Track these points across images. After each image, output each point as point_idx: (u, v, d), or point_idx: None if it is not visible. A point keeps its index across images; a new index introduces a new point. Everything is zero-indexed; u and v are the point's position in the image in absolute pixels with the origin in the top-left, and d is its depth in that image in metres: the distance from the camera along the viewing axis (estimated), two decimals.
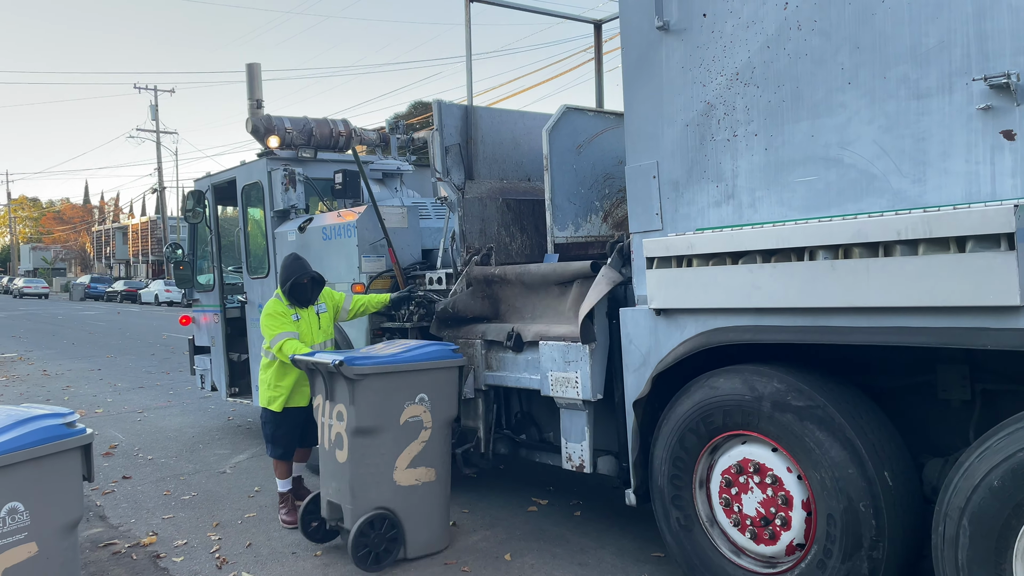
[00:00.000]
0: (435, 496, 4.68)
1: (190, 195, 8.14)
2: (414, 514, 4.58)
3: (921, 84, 2.94)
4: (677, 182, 3.76)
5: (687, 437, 3.71)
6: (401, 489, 4.55)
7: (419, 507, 4.61)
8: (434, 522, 4.68)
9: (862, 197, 3.11)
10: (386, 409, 4.51)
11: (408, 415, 4.56)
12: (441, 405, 4.69)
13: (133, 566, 4.71)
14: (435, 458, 4.66)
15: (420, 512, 4.61)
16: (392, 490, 4.53)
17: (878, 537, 3.10)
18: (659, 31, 3.76)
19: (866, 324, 3.06)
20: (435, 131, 5.46)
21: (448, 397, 4.73)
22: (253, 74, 9.05)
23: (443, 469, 4.73)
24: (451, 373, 4.74)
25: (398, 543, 4.51)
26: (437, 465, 4.67)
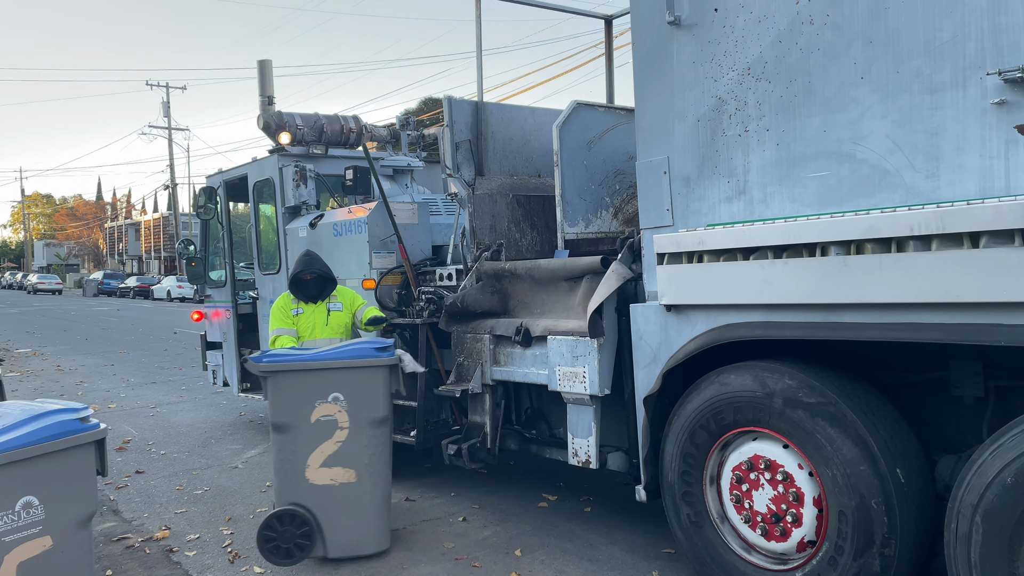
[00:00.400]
0: (358, 498, 4.54)
1: (202, 191, 8.18)
2: (333, 514, 4.50)
3: (935, 79, 2.92)
4: (688, 178, 3.74)
5: (698, 433, 3.71)
6: (315, 487, 4.50)
7: (338, 507, 4.50)
8: (360, 524, 4.55)
9: (875, 192, 3.09)
10: (296, 407, 4.49)
11: (320, 414, 4.50)
12: (361, 405, 4.54)
13: (146, 560, 4.75)
14: (355, 459, 4.52)
15: (340, 512, 4.51)
16: (306, 488, 4.50)
17: (890, 534, 3.08)
18: (670, 26, 3.74)
19: (878, 320, 3.05)
20: (445, 127, 5.46)
21: (370, 397, 4.56)
22: (264, 71, 9.09)
23: (369, 471, 4.56)
24: (373, 373, 4.56)
25: (312, 541, 4.44)
26: (358, 467, 4.53)
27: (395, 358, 4.64)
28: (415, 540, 4.88)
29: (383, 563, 4.50)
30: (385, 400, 4.63)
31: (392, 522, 5.19)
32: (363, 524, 4.57)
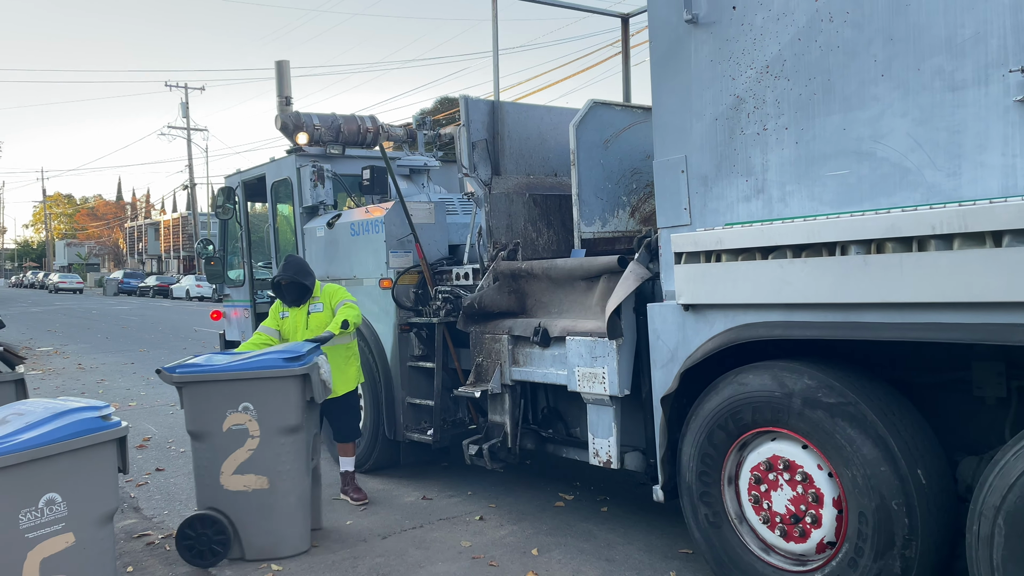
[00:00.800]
0: (272, 504, 4.63)
1: (220, 192, 8.24)
2: (248, 519, 4.62)
3: (956, 76, 2.89)
4: (706, 176, 3.73)
5: (715, 433, 3.69)
6: (230, 493, 4.61)
7: (252, 512, 4.62)
8: (275, 529, 4.64)
9: (895, 191, 3.06)
10: (209, 416, 4.62)
11: (231, 423, 4.62)
12: (271, 414, 4.62)
13: (167, 557, 4.79)
14: (267, 467, 4.61)
15: (254, 517, 4.62)
16: (221, 493, 4.62)
17: (911, 536, 3.06)
18: (688, 24, 3.73)
19: (899, 320, 3.02)
20: (462, 127, 5.47)
21: (280, 407, 4.63)
22: (282, 71, 9.14)
23: (282, 478, 4.64)
24: (282, 383, 4.63)
25: (227, 544, 4.56)
26: (271, 474, 4.61)
27: (306, 367, 4.67)
28: (432, 539, 4.89)
29: (400, 562, 4.52)
30: (297, 409, 4.68)
31: (409, 520, 5.22)
32: (278, 529, 4.68)
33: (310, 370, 4.70)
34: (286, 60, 8.62)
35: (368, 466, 6.39)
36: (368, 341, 6.23)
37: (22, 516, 3.31)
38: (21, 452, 3.28)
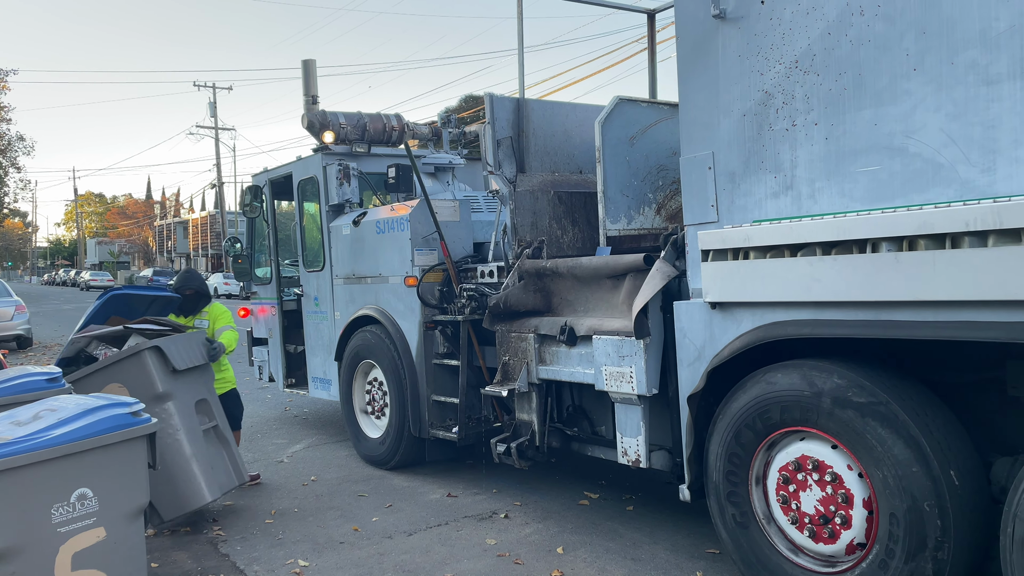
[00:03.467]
0: None
1: (248, 190, 8.31)
2: None
3: (991, 70, 2.83)
4: (733, 173, 3.69)
5: (743, 433, 3.65)
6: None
7: None
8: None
9: (928, 187, 3.01)
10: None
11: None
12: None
13: (195, 551, 4.85)
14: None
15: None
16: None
17: (943, 538, 3.01)
18: (715, 19, 3.69)
19: (932, 318, 2.97)
20: (487, 124, 5.46)
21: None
22: (308, 71, 9.19)
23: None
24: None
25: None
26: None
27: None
28: (457, 536, 4.90)
29: (426, 559, 4.53)
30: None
31: (434, 518, 5.23)
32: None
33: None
34: (312, 59, 8.69)
35: (393, 463, 6.41)
36: (393, 338, 6.25)
37: (54, 511, 3.36)
38: (54, 448, 3.34)
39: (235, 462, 5.58)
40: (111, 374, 5.02)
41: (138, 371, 5.00)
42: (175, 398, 5.08)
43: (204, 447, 5.20)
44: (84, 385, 4.94)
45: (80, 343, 5.51)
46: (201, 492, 5.04)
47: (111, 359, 5.09)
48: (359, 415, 6.85)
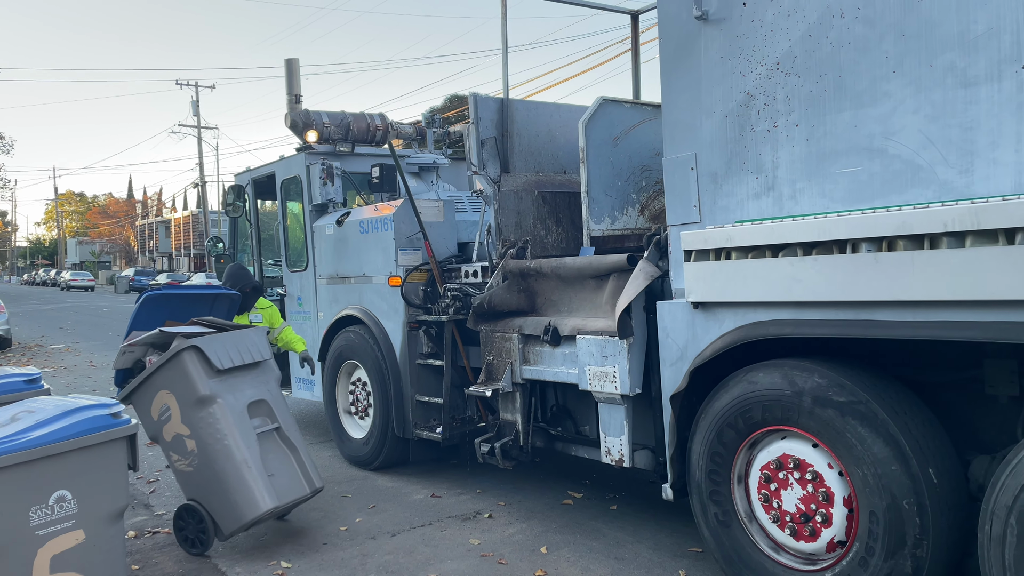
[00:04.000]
0: None
1: (230, 189, 8.27)
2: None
3: (969, 72, 2.86)
4: (715, 174, 3.71)
5: (725, 432, 3.67)
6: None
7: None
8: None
9: (907, 188, 3.04)
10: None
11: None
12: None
13: (177, 554, 4.81)
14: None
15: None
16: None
17: (922, 535, 3.04)
18: (698, 21, 3.71)
19: (911, 318, 3.00)
20: (471, 124, 5.46)
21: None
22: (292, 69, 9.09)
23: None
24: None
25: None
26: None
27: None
28: (441, 537, 4.89)
29: (410, 560, 4.52)
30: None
31: (418, 518, 5.22)
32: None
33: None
34: (295, 58, 8.61)
35: (377, 464, 6.40)
36: (377, 338, 6.23)
37: (32, 513, 3.33)
38: (31, 449, 3.30)
39: (304, 468, 5.06)
40: (157, 382, 4.81)
41: (178, 374, 4.74)
42: (221, 400, 4.74)
43: (259, 452, 4.78)
44: (137, 397, 4.87)
45: (136, 352, 5.15)
46: (255, 501, 4.63)
47: (153, 366, 4.84)
48: (342, 415, 6.83)
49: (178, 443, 4.79)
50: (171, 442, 4.80)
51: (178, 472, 4.85)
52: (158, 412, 4.82)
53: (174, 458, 4.82)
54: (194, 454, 4.74)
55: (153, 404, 4.83)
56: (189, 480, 4.79)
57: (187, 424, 4.75)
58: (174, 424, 4.79)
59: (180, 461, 4.80)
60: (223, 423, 4.73)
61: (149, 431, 4.91)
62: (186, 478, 4.80)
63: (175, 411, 4.78)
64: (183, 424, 4.76)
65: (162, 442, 4.86)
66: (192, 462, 4.76)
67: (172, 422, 4.79)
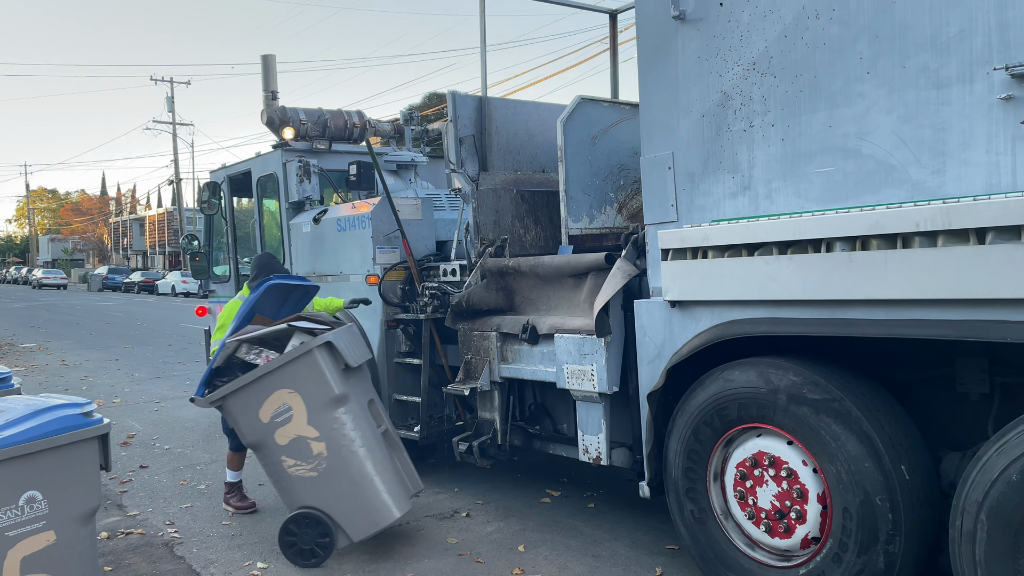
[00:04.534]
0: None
1: (206, 187, 8.18)
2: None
3: (941, 73, 2.90)
4: (693, 173, 3.73)
5: (701, 430, 3.70)
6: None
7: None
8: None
9: (880, 188, 3.08)
10: None
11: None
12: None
13: (150, 555, 4.75)
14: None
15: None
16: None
17: (894, 531, 3.07)
18: (675, 20, 3.72)
19: (884, 316, 3.03)
20: (449, 122, 5.45)
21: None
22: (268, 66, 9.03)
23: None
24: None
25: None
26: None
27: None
28: (419, 536, 4.88)
29: (386, 559, 4.50)
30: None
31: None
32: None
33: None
34: (272, 54, 8.56)
35: None
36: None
37: (2, 514, 3.27)
38: (1, 450, 3.24)
39: (409, 469, 4.95)
40: (275, 380, 4.44)
41: (310, 372, 4.43)
42: (352, 400, 4.54)
43: (383, 455, 4.63)
44: (245, 395, 4.47)
45: (230, 348, 4.70)
46: (389, 508, 4.48)
47: (275, 363, 4.44)
48: None
49: (299, 447, 4.46)
50: (287, 446, 4.46)
51: (292, 479, 4.49)
52: (271, 414, 4.45)
53: (289, 463, 4.47)
54: (321, 458, 4.45)
55: (265, 405, 4.45)
56: (309, 486, 4.47)
57: (315, 426, 4.45)
58: (295, 426, 4.46)
59: (299, 466, 4.47)
60: (356, 424, 4.52)
61: (250, 436, 4.52)
62: (305, 485, 4.47)
63: (300, 412, 4.44)
64: (310, 426, 4.45)
65: (270, 447, 4.49)
66: (318, 466, 4.46)
67: (293, 424, 4.45)
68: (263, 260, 5.57)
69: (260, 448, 4.57)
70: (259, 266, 5.46)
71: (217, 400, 4.53)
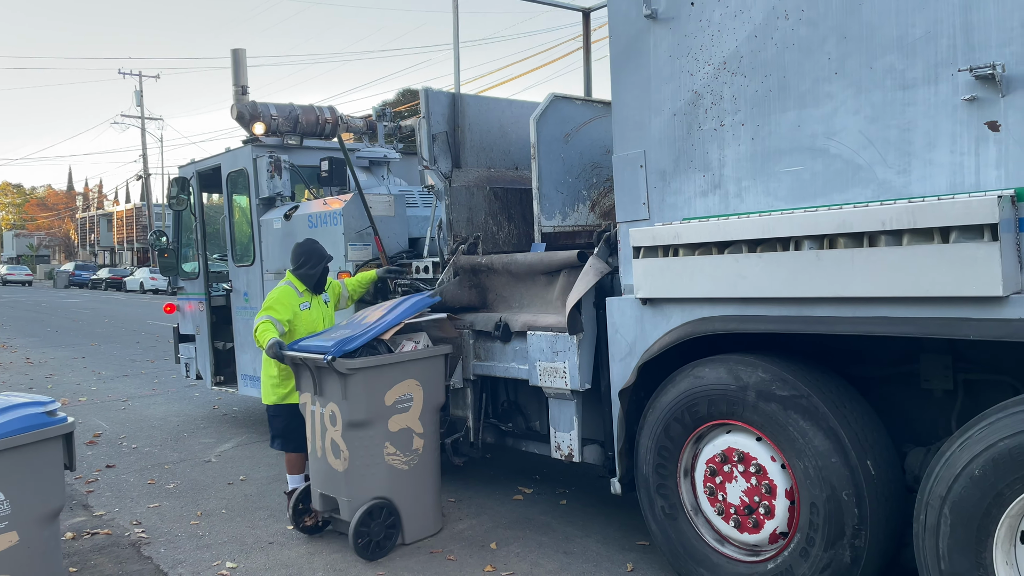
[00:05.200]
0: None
1: (174, 182, 8.07)
2: None
3: (907, 74, 2.94)
4: (664, 171, 3.75)
5: (672, 426, 3.72)
6: None
7: None
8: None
9: (848, 187, 3.11)
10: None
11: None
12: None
13: (117, 555, 4.68)
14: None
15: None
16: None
17: (860, 525, 3.12)
18: (647, 19, 3.74)
19: (851, 314, 3.07)
20: (422, 119, 5.42)
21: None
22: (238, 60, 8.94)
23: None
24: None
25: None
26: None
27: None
28: None
29: (357, 557, 4.47)
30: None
31: None
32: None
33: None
34: (243, 48, 8.46)
35: None
36: None
37: None
38: None
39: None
40: (412, 369, 4.61)
41: (436, 373, 4.74)
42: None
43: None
44: (381, 374, 4.46)
45: (391, 332, 4.67)
46: (439, 517, 4.86)
47: (420, 353, 4.66)
48: None
49: (405, 438, 4.58)
50: (396, 434, 4.54)
51: (384, 466, 4.50)
52: (396, 399, 4.54)
53: (390, 451, 4.52)
54: (417, 454, 4.63)
55: (393, 389, 4.52)
56: (395, 478, 4.55)
57: (423, 423, 4.65)
58: (410, 417, 4.60)
59: (396, 456, 4.55)
60: (439, 429, 4.81)
61: (362, 413, 4.40)
62: (392, 475, 4.53)
63: (417, 405, 4.62)
64: (419, 421, 4.64)
65: (378, 430, 4.47)
66: (412, 460, 4.61)
67: (409, 415, 4.59)
68: (308, 246, 5.25)
69: (366, 427, 4.43)
70: (305, 252, 5.20)
71: (356, 368, 4.34)
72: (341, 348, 4.40)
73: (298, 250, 5.24)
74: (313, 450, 4.68)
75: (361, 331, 4.58)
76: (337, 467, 4.51)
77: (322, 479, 4.63)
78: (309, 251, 5.20)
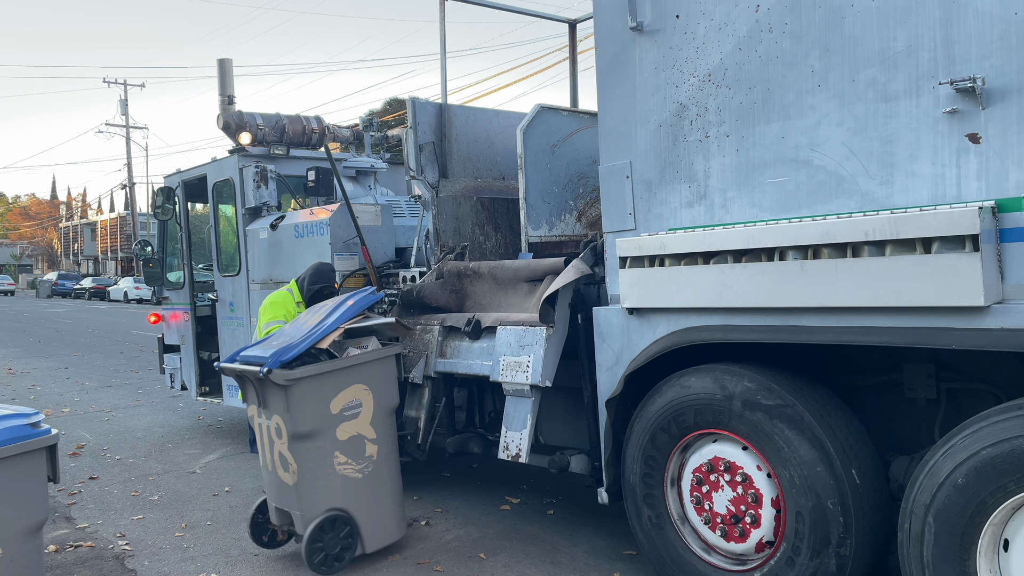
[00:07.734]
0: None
1: (160, 191, 8.04)
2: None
3: (889, 87, 2.98)
4: (650, 182, 3.77)
5: (659, 436, 3.73)
6: None
7: None
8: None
9: (831, 198, 3.15)
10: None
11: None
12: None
13: (100, 568, 4.64)
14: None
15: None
16: None
17: (846, 534, 3.14)
18: (633, 32, 3.77)
19: (835, 324, 3.10)
20: (409, 129, 5.44)
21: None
22: (224, 70, 8.94)
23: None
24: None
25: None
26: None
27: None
28: None
29: (344, 568, 4.44)
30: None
31: None
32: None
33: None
34: (229, 58, 8.46)
35: None
36: None
37: None
38: None
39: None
40: (358, 374, 4.43)
41: (387, 375, 4.57)
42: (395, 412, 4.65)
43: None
44: (324, 381, 4.29)
45: (331, 337, 4.55)
46: (401, 523, 4.71)
47: (364, 357, 4.47)
48: None
49: (356, 445, 4.43)
50: (345, 442, 4.38)
51: (336, 476, 4.37)
52: (343, 406, 4.38)
53: (341, 460, 4.38)
54: (371, 460, 4.48)
55: (339, 396, 4.37)
56: (348, 488, 4.41)
57: (376, 428, 4.50)
58: (360, 424, 4.44)
59: (348, 465, 4.41)
60: (394, 435, 4.66)
61: (308, 424, 4.26)
62: (345, 485, 4.40)
63: (367, 411, 4.46)
64: (371, 427, 4.48)
65: (326, 440, 4.33)
66: (365, 468, 4.46)
67: (358, 422, 4.43)
68: (320, 266, 5.60)
69: (312, 438, 4.30)
70: (314, 269, 5.56)
71: (296, 378, 4.20)
72: (278, 359, 4.22)
73: (312, 266, 5.63)
74: (264, 463, 4.57)
75: (300, 337, 4.39)
76: (287, 480, 4.37)
77: (275, 493, 4.52)
78: (317, 270, 5.56)
